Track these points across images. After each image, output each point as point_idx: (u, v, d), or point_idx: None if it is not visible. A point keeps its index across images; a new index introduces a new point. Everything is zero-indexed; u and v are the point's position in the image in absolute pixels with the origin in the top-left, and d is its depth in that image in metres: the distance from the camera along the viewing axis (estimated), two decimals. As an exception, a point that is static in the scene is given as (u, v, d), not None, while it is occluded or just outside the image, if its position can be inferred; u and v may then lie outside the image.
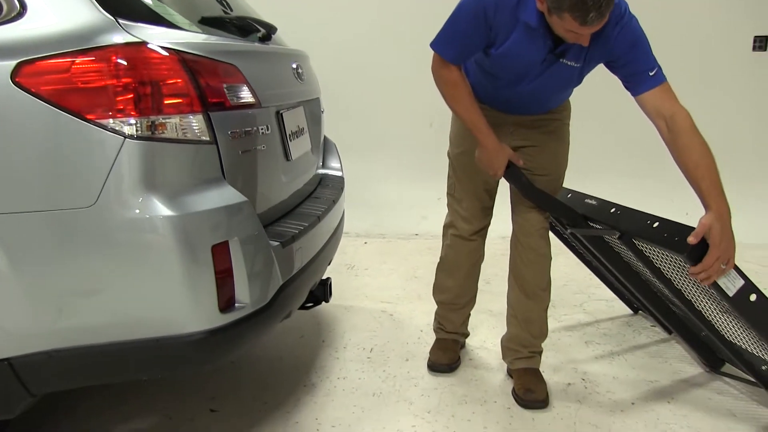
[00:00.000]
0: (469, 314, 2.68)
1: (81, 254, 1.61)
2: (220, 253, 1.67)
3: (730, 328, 2.22)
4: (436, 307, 2.71)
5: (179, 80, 1.68)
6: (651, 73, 2.03)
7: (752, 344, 2.21)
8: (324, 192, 2.59)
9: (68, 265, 1.61)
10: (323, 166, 2.82)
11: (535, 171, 2.31)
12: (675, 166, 1.97)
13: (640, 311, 3.14)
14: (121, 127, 1.58)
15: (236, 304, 1.73)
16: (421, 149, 4.53)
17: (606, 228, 2.25)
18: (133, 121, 1.59)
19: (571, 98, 2.41)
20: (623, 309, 3.19)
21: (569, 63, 2.07)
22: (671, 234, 1.92)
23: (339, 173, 2.88)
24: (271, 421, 2.22)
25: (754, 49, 4.31)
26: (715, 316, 2.21)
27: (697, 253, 1.82)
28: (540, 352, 2.46)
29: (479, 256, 2.56)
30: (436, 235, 2.64)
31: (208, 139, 1.72)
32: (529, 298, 2.40)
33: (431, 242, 4.14)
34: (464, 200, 2.47)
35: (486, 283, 2.66)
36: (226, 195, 1.74)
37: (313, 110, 2.64)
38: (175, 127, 1.66)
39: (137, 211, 1.59)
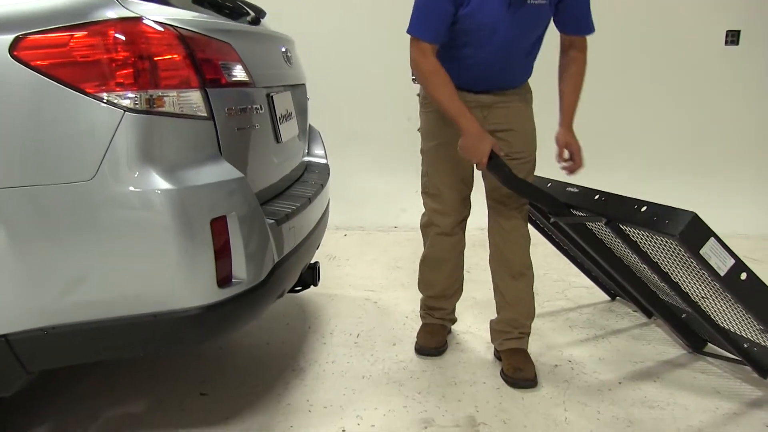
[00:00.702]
0: (456, 303, 2.70)
1: (79, 228, 1.59)
2: (219, 227, 1.67)
3: (716, 309, 2.27)
4: (420, 295, 2.73)
5: (176, 55, 1.67)
6: (588, 23, 2.31)
7: (737, 323, 2.27)
8: (311, 177, 2.59)
9: (66, 240, 1.59)
10: (309, 154, 2.83)
11: (512, 155, 2.34)
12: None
13: (617, 297, 3.20)
14: (120, 101, 1.58)
15: (233, 280, 1.73)
16: (399, 143, 4.51)
17: (592, 215, 2.28)
18: (131, 94, 1.59)
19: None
20: (604, 295, 3.25)
21: (536, 2, 2.16)
22: (661, 217, 1.96)
23: (324, 161, 2.89)
24: (262, 403, 2.22)
25: (726, 43, 4.41)
26: (701, 298, 2.27)
27: (690, 234, 1.87)
28: (528, 333, 2.50)
29: (462, 247, 2.58)
30: (416, 227, 2.65)
31: (205, 114, 1.72)
32: (516, 279, 2.45)
33: (411, 234, 4.15)
34: (443, 193, 2.46)
35: (467, 272, 2.68)
36: (223, 170, 1.74)
37: (300, 96, 2.65)
38: (173, 102, 1.65)
39: (136, 184, 1.59)
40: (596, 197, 2.30)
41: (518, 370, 2.37)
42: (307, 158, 2.78)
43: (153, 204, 1.59)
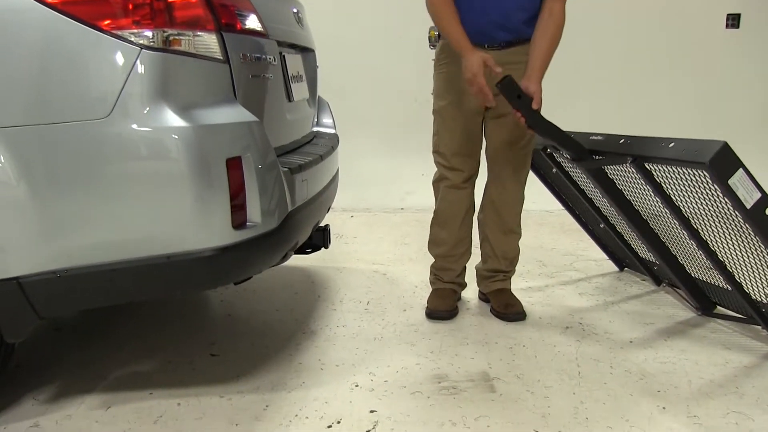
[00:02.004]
0: (466, 265, 2.70)
1: (93, 167, 1.60)
2: (234, 167, 1.67)
3: (732, 259, 2.27)
4: (429, 269, 2.75)
5: (192, -4, 1.68)
6: None
7: (752, 277, 2.26)
8: (321, 140, 2.60)
9: (79, 179, 1.60)
10: (318, 124, 2.83)
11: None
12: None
13: (626, 268, 3.20)
14: (137, 38, 1.58)
15: (248, 223, 1.72)
16: (406, 125, 4.55)
17: (617, 155, 2.28)
18: (148, 33, 1.59)
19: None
20: (612, 267, 3.25)
21: None
22: (689, 149, 1.97)
23: (333, 131, 2.89)
24: (274, 362, 2.21)
25: (727, 26, 4.43)
26: (719, 246, 2.26)
27: (720, 161, 1.87)
28: (512, 275, 2.70)
29: (471, 204, 2.61)
30: (422, 209, 2.69)
31: (221, 57, 1.73)
32: (507, 234, 2.62)
33: (418, 215, 4.17)
34: (453, 150, 2.51)
35: (476, 247, 2.69)
36: (238, 113, 1.74)
37: (310, 62, 2.65)
38: (189, 43, 1.66)
39: (151, 121, 1.59)
40: (621, 141, 2.31)
41: (508, 305, 2.58)
42: (316, 128, 2.78)
43: (168, 141, 1.60)
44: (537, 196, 3.33)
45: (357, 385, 2.05)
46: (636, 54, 4.50)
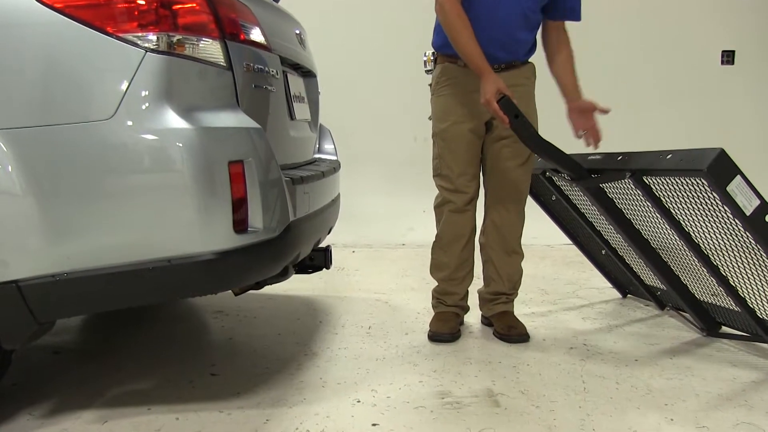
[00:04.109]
0: (468, 289, 2.68)
1: (95, 169, 1.61)
2: (236, 171, 1.68)
3: (735, 274, 2.26)
4: (431, 297, 2.72)
5: (196, 4, 1.72)
6: (580, 9, 2.51)
7: (756, 292, 2.25)
8: (322, 163, 2.61)
9: (81, 181, 1.61)
10: (319, 151, 2.85)
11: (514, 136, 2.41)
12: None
13: (629, 295, 3.18)
14: (143, 41, 1.61)
15: (249, 228, 1.72)
16: (406, 163, 4.60)
17: (616, 170, 2.29)
18: (153, 36, 1.63)
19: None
20: (615, 294, 3.23)
21: None
22: (687, 158, 1.98)
23: (334, 157, 2.91)
24: (275, 381, 2.17)
25: (722, 63, 4.51)
26: (721, 260, 2.25)
27: (717, 168, 1.88)
28: (514, 297, 2.68)
29: (473, 227, 2.61)
30: (423, 244, 2.70)
31: (224, 64, 1.76)
32: (510, 255, 2.61)
33: (419, 251, 4.14)
34: (455, 172, 2.51)
35: (478, 270, 2.69)
36: (241, 119, 1.76)
37: (312, 87, 2.70)
38: (194, 48, 1.69)
39: (154, 123, 1.61)
40: (619, 158, 2.32)
41: (511, 327, 2.56)
42: (318, 155, 2.81)
43: (170, 143, 1.61)
44: (537, 231, 3.33)
45: (359, 401, 2.01)
46: (631, 89, 4.57)
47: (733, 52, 4.49)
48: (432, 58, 2.61)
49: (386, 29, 4.63)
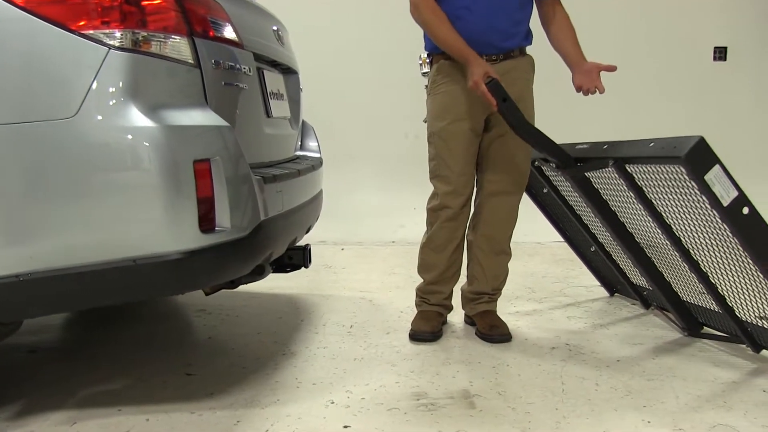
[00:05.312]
0: (453, 288, 2.66)
1: (58, 167, 1.58)
2: (202, 170, 1.65)
3: (716, 270, 2.23)
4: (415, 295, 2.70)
5: (163, 1, 1.69)
6: None
7: (735, 290, 2.22)
8: (303, 161, 2.59)
9: (43, 180, 1.58)
10: (302, 148, 2.82)
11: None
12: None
13: (617, 293, 3.15)
14: (106, 38, 1.59)
15: (217, 228, 1.70)
16: (397, 160, 4.57)
17: (599, 158, 2.26)
18: (118, 33, 1.60)
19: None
20: (603, 293, 3.20)
21: None
22: (667, 146, 1.94)
23: (317, 154, 2.88)
24: (250, 382, 2.15)
25: (714, 59, 4.48)
26: (701, 256, 2.22)
27: (696, 156, 1.85)
28: (498, 297, 2.65)
29: (465, 227, 2.58)
30: (413, 242, 2.67)
31: (191, 62, 1.73)
32: (498, 255, 2.58)
33: (408, 248, 4.11)
34: (454, 172, 2.46)
35: (464, 267, 2.66)
36: (208, 117, 1.74)
37: (293, 84, 2.66)
38: (160, 45, 1.66)
39: (118, 121, 1.59)
40: (605, 146, 2.29)
41: (493, 327, 2.52)
42: (300, 152, 2.78)
43: (134, 142, 1.59)
44: (528, 228, 3.31)
45: (332, 402, 1.99)
46: (623, 85, 4.51)
47: (725, 48, 4.45)
48: (427, 60, 2.58)
49: (378, 26, 4.59)
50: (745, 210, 1.90)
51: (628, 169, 2.21)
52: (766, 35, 4.45)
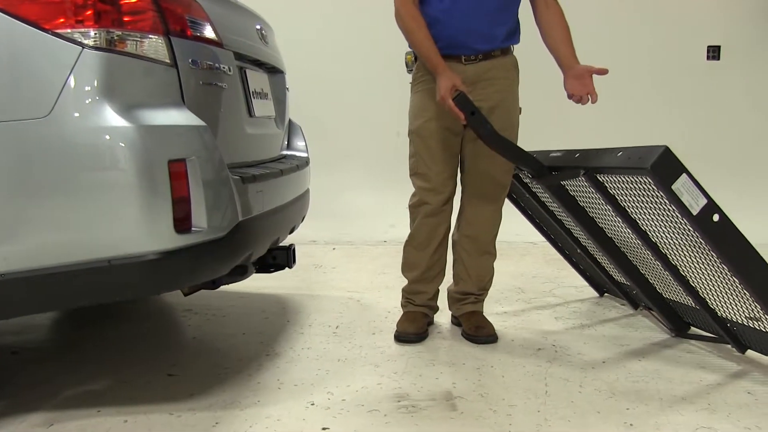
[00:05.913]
0: (439, 288, 2.64)
1: (30, 167, 1.57)
2: (177, 170, 1.64)
3: (694, 274, 2.21)
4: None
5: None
6: None
7: (715, 292, 2.20)
8: (288, 160, 2.57)
9: (15, 180, 1.57)
10: (289, 148, 2.81)
11: None
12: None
13: (606, 294, 3.14)
14: (80, 37, 1.57)
15: (193, 228, 1.68)
16: (387, 159, 4.52)
17: (570, 169, 2.24)
18: (92, 32, 1.59)
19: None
20: (593, 293, 3.18)
21: None
22: (634, 156, 1.93)
23: (304, 154, 2.87)
24: (231, 383, 2.14)
25: (708, 58, 4.46)
26: (679, 261, 2.21)
27: (662, 167, 1.83)
28: (484, 297, 2.63)
29: (448, 227, 2.56)
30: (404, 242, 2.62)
31: (168, 61, 1.72)
32: (483, 255, 2.56)
33: (400, 248, 4.08)
34: (432, 170, 2.45)
35: (450, 267, 2.64)
36: (184, 116, 1.72)
37: (278, 83, 2.65)
38: (135, 45, 1.65)
39: (92, 121, 1.57)
40: (576, 155, 2.27)
41: (480, 327, 2.51)
42: (287, 151, 2.76)
43: (108, 142, 1.57)
44: (520, 227, 3.30)
45: (313, 404, 1.97)
46: (616, 84, 4.49)
47: (718, 47, 4.43)
48: (413, 58, 2.56)
49: (367, 25, 4.57)
50: (716, 217, 1.88)
51: (600, 179, 2.18)
52: (760, 34, 4.43)
